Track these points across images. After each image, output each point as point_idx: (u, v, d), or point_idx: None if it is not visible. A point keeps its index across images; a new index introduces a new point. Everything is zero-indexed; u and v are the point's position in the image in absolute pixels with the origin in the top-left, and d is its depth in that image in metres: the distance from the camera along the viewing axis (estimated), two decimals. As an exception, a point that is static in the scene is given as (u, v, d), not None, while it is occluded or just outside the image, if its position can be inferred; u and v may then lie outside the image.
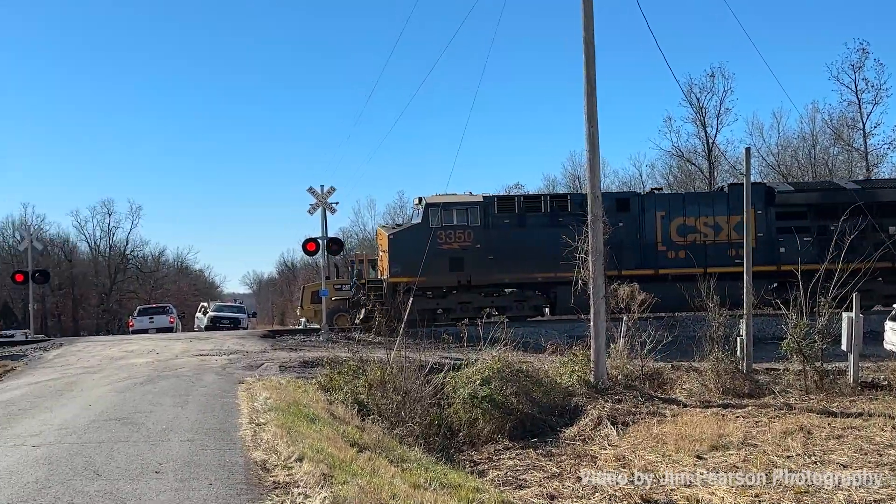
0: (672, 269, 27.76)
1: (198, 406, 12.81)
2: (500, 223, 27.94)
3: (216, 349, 22.24)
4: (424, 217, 27.79)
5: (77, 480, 7.69)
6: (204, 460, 8.61)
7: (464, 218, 27.60)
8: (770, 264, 27.64)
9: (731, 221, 28.05)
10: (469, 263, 27.42)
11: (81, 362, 20.68)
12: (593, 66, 16.58)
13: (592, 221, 16.96)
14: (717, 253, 27.89)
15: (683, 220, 28.13)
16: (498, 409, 14.72)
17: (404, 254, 27.23)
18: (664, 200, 28.78)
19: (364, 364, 16.07)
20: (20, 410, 12.79)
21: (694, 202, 28.70)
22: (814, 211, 28.29)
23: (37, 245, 34.91)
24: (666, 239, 28.17)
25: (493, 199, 28.41)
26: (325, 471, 8.01)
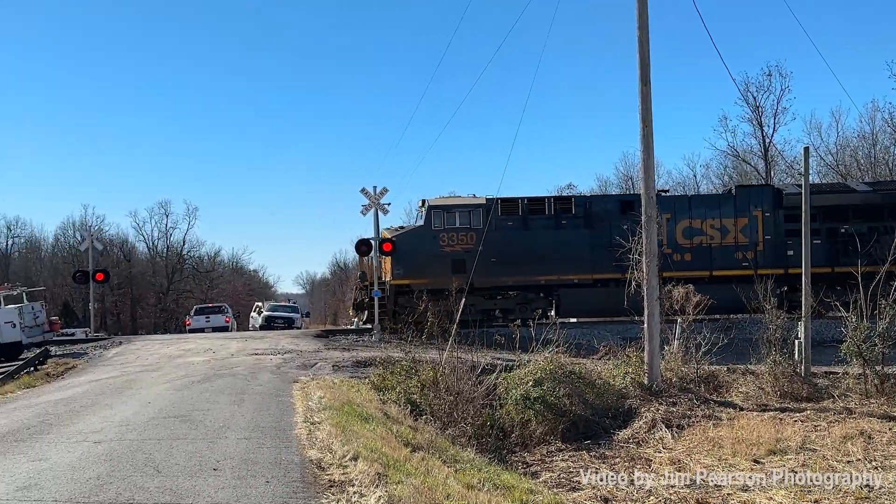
0: (676, 273, 26.45)
1: (253, 404, 12.99)
2: (503, 225, 27.80)
3: (271, 348, 22.51)
4: (427, 219, 27.82)
5: (137, 477, 7.85)
6: (260, 458, 8.73)
7: (466, 220, 27.54)
8: (778, 267, 26.91)
9: (738, 224, 27.72)
10: (471, 265, 26.67)
11: (140, 360, 21.11)
12: (648, 66, 16.43)
13: (647, 222, 16.79)
14: (723, 256, 27.54)
15: (689, 222, 27.73)
16: (550, 411, 14.66)
17: (406, 256, 27.38)
18: (670, 202, 28.34)
19: (417, 364, 16.13)
20: (82, 407, 13.10)
21: (700, 204, 28.32)
22: (823, 213, 27.37)
23: (97, 245, 35.70)
24: (671, 241, 27.70)
25: (497, 201, 28.08)
26: (380, 470, 8.06)
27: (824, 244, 27.01)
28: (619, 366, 17.19)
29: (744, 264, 27.02)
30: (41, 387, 17.95)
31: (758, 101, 48.77)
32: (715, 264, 27.49)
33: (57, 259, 73.42)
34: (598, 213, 27.86)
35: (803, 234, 19.14)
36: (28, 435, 10.55)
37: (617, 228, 26.65)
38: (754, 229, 27.60)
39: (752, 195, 28.08)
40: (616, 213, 27.64)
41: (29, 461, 8.73)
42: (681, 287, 17.87)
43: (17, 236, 76.47)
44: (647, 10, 16.43)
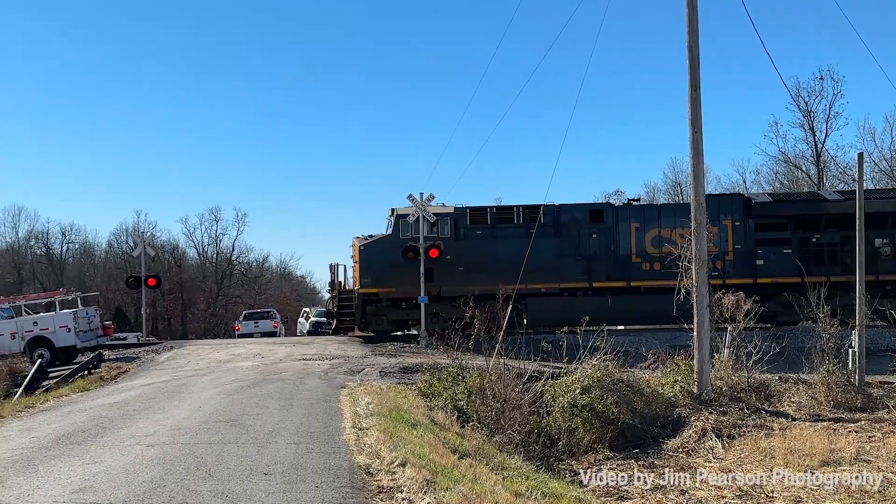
0: (644, 282, 27.26)
1: (302, 409, 13.11)
2: (472, 234, 27.78)
3: (318, 354, 22.70)
4: (395, 228, 27.80)
5: (190, 480, 7.97)
6: (310, 463, 8.81)
7: (434, 229, 27.50)
8: (747, 277, 26.80)
9: (709, 234, 27.22)
10: (439, 274, 27.21)
11: (191, 365, 21.43)
12: (697, 70, 16.28)
13: (696, 229, 16.63)
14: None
15: (658, 231, 27.44)
16: (598, 419, 14.56)
17: (374, 265, 27.42)
18: (639, 212, 28.19)
19: (463, 371, 16.14)
20: (135, 411, 13.34)
21: (670, 213, 27.91)
22: (794, 222, 27.32)
23: (149, 251, 36.37)
24: (640, 251, 27.57)
25: (466, 210, 28.14)
26: (428, 476, 8.08)
27: (796, 253, 26.79)
28: (667, 374, 17.00)
29: (713, 274, 26.79)
30: (95, 390, 18.30)
31: (809, 106, 47.94)
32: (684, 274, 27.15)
33: (110, 264, 74.81)
34: (568, 222, 27.79)
35: (857, 240, 18.81)
36: (83, 438, 10.77)
37: (586, 238, 27.56)
38: (724, 238, 27.41)
39: (722, 204, 27.80)
40: (585, 222, 27.69)
41: (84, 464, 8.91)
42: (731, 295, 17.64)
43: (72, 242, 78.21)
44: (697, 15, 16.30)
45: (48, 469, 8.70)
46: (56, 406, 15.46)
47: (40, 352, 23.99)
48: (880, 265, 26.10)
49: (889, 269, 25.65)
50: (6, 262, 73.57)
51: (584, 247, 27.50)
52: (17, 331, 24.37)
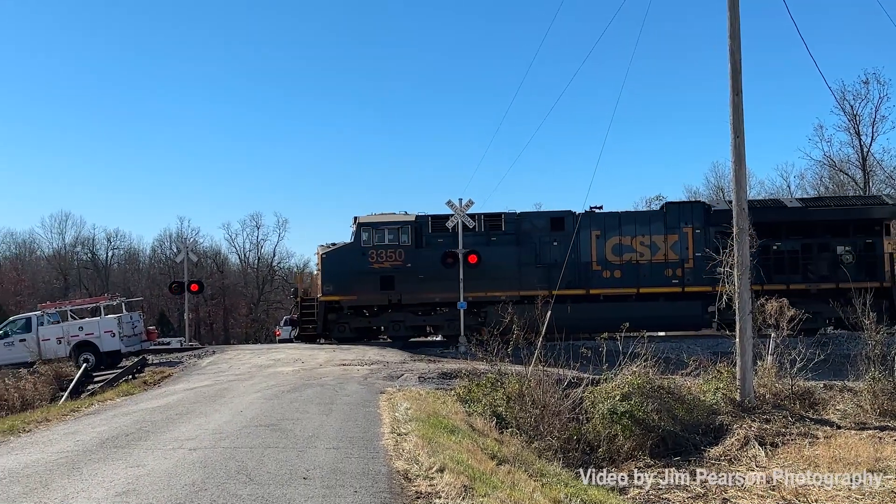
0: (603, 289, 27.44)
1: (341, 415, 13.17)
2: (434, 242, 27.93)
3: (357, 359, 22.80)
4: (356, 236, 28.19)
5: (231, 484, 8.04)
6: (349, 468, 8.84)
7: (395, 237, 27.80)
8: (706, 285, 26.06)
9: (668, 240, 27.47)
10: (400, 282, 27.48)
11: (232, 370, 21.64)
12: (739, 75, 16.08)
13: (738, 234, 16.40)
14: (653, 273, 27.39)
15: (619, 239, 27.66)
16: (638, 426, 14.43)
17: (336, 273, 27.77)
18: (599, 219, 28.17)
19: (502, 377, 16.10)
20: (177, 415, 13.50)
21: (630, 221, 28.12)
22: (755, 230, 26.75)
23: (192, 257, 36.76)
24: (601, 258, 27.73)
25: (427, 218, 28.35)
26: (466, 482, 8.08)
27: (756, 261, 26.40)
28: (709, 381, 16.79)
29: (673, 281, 26.88)
30: (139, 394, 18.55)
31: (855, 110, 47.19)
32: (643, 281, 27.44)
33: (154, 270, 75.95)
34: (528, 230, 27.96)
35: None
36: (126, 442, 10.92)
37: (546, 246, 27.78)
38: (684, 246, 27.56)
39: (683, 212, 27.90)
40: (546, 230, 27.88)
41: (127, 467, 9.04)
42: (774, 301, 17.38)
43: (117, 248, 79.63)
44: (739, 19, 16.10)
45: (92, 472, 8.82)
46: (101, 410, 15.69)
47: (86, 356, 24.40)
48: (842, 273, 26.08)
49: (850, 278, 25.37)
50: (53, 268, 75.07)
51: (544, 254, 27.77)
52: (64, 335, 24.79)
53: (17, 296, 63.59)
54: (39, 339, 24.71)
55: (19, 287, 65.98)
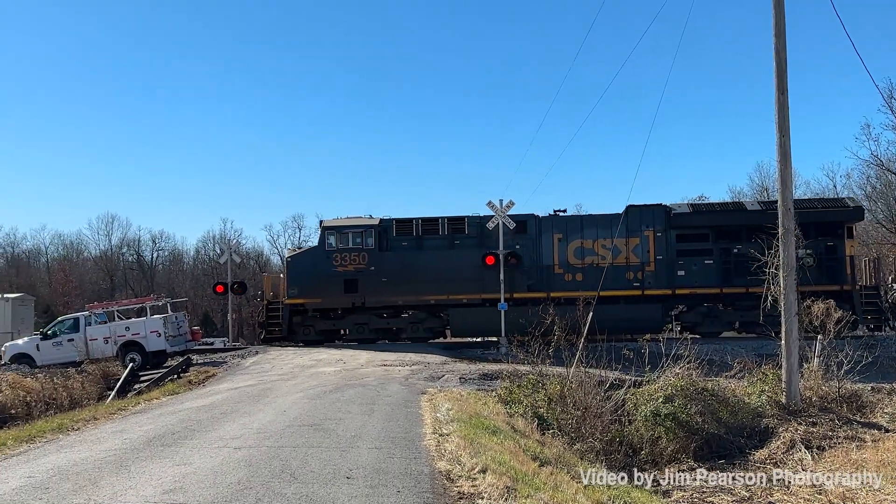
0: (564, 293, 27.20)
1: (383, 415, 13.23)
2: (398, 245, 28.23)
3: (399, 360, 22.88)
4: (321, 240, 28.66)
5: (275, 483, 8.13)
6: (391, 468, 8.88)
7: (359, 241, 28.09)
8: (666, 288, 27.01)
9: (629, 243, 27.52)
10: (363, 285, 27.74)
11: (275, 370, 21.85)
12: (785, 74, 15.86)
13: (784, 235, 16.16)
14: (614, 276, 27.08)
15: (581, 242, 27.86)
16: (682, 428, 14.29)
17: (301, 276, 28.24)
18: (562, 223, 28.35)
19: (543, 378, 16.05)
20: (222, 414, 13.67)
21: (592, 225, 28.16)
22: (716, 233, 27.24)
23: (235, 258, 37.15)
24: (563, 261, 27.86)
25: (392, 221, 28.64)
26: (509, 483, 8.07)
27: (717, 264, 27.01)
28: (754, 383, 16.60)
29: (635, 284, 26.94)
30: (184, 393, 18.82)
31: (903, 108, 46.16)
32: (604, 285, 26.88)
33: (198, 271, 76.92)
34: (489, 233, 27.84)
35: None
36: (173, 440, 11.08)
37: (508, 249, 27.68)
38: (645, 249, 27.69)
39: (644, 215, 27.90)
40: (509, 233, 27.75)
41: (174, 465, 9.17)
42: (821, 302, 17.11)
43: (162, 249, 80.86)
44: (785, 17, 15.88)
45: (140, 470, 8.97)
46: (147, 409, 15.94)
47: (132, 356, 24.81)
48: (803, 276, 25.74)
49: (811, 281, 25.14)
50: (100, 269, 76.39)
51: (507, 258, 27.84)
52: (111, 335, 25.24)
53: (65, 296, 64.90)
54: (87, 339, 25.17)
55: (67, 288, 67.33)
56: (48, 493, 7.97)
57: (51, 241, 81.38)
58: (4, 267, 72.78)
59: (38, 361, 25.08)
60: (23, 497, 7.85)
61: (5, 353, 26.02)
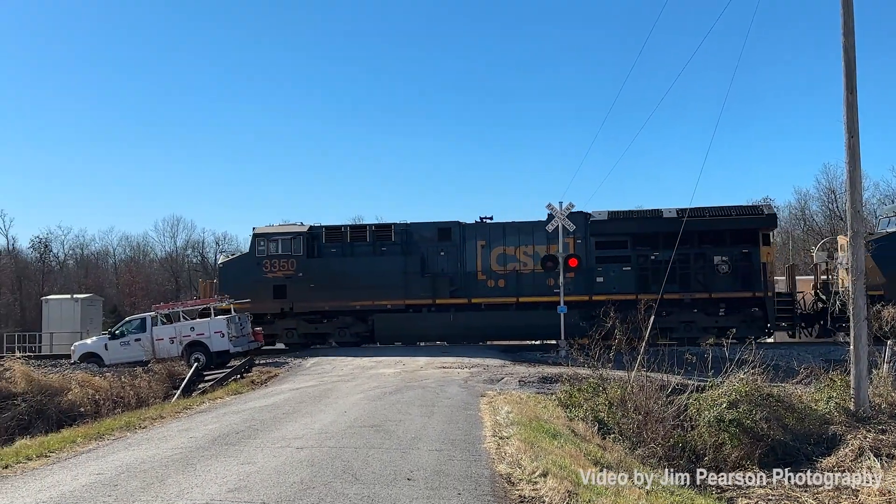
0: (485, 298, 27.96)
1: (443, 417, 13.26)
2: (327, 252, 28.86)
3: (458, 362, 22.90)
4: (252, 247, 29.40)
5: (337, 483, 8.20)
6: (451, 470, 8.90)
7: (288, 248, 28.72)
8: (584, 294, 27.22)
9: (550, 251, 27.46)
10: (292, 291, 28.23)
11: (336, 371, 22.05)
12: (854, 73, 15.44)
13: (853, 238, 15.75)
14: (534, 282, 27.86)
15: (503, 249, 28.36)
16: (746, 435, 14.04)
17: (232, 282, 28.91)
18: (485, 230, 28.86)
19: (604, 382, 15.92)
20: (284, 414, 13.84)
21: (514, 231, 28.66)
22: (634, 240, 27.43)
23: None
24: (486, 268, 28.39)
25: (322, 229, 29.28)
26: (570, 488, 8.02)
27: (635, 270, 27.23)
28: (821, 389, 16.21)
29: (555, 290, 26.91)
30: (247, 393, 19.09)
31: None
32: (525, 291, 27.85)
33: (259, 272, 77.82)
34: (416, 240, 28.66)
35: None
36: (237, 439, 11.26)
37: (434, 255, 28.58)
38: None
39: None
40: (434, 240, 28.64)
41: (238, 464, 9.32)
42: (892, 307, 16.65)
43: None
44: (853, 16, 15.49)
45: (205, 468, 9.14)
46: (211, 408, 16.21)
47: (196, 356, 25.23)
48: (718, 283, 26.29)
49: (726, 287, 25.65)
50: (165, 270, 78.00)
51: (431, 264, 28.53)
52: (176, 335, 25.70)
53: (132, 297, 66.41)
54: (153, 339, 25.69)
55: (134, 288, 68.90)
56: (117, 489, 8.17)
57: (118, 243, 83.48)
58: (74, 268, 74.75)
59: (106, 361, 25.67)
60: (92, 493, 8.05)
61: (75, 353, 26.69)
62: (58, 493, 8.19)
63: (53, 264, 70.31)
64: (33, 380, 22.43)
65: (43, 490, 8.38)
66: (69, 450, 11.34)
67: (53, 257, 71.33)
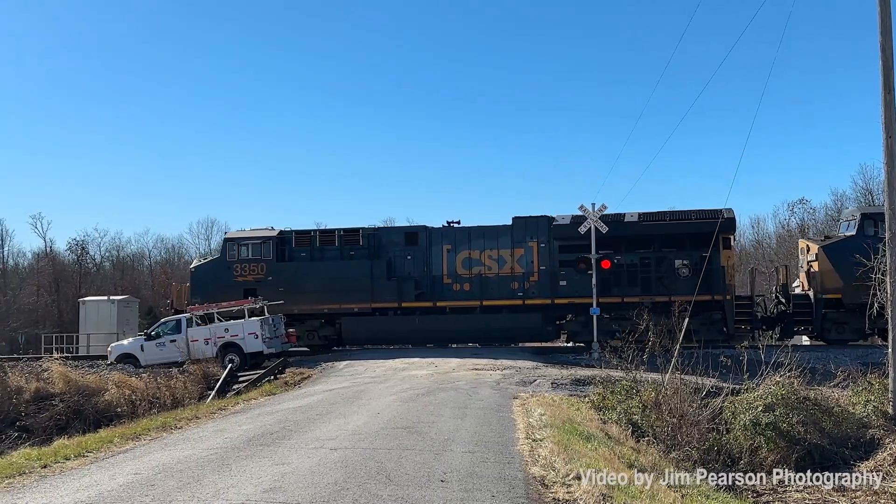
0: (450, 302, 28.25)
1: (475, 419, 13.26)
2: (296, 256, 29.28)
3: (490, 364, 22.88)
4: (223, 251, 30.05)
5: (371, 484, 8.23)
6: (485, 472, 8.90)
7: (258, 252, 29.17)
8: (547, 298, 27.47)
9: (514, 254, 28.10)
10: (262, 295, 28.09)
11: (368, 372, 22.14)
12: (892, 72, 15.22)
13: (891, 239, 15.52)
14: (499, 286, 28.24)
15: (469, 253, 28.63)
16: (782, 438, 13.91)
17: (203, 285, 29.41)
18: (451, 234, 29.20)
19: (637, 384, 15.84)
20: (318, 415, 13.93)
21: (479, 236, 28.92)
22: (597, 244, 27.00)
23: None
24: (452, 272, 28.65)
25: (292, 233, 30.08)
26: (604, 491, 7.98)
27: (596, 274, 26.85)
28: (859, 393, 16.01)
29: (518, 294, 27.36)
30: (280, 394, 19.23)
31: None
32: (490, 294, 28.08)
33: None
34: (384, 244, 29.14)
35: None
36: (271, 440, 11.35)
37: (401, 259, 28.94)
38: (530, 260, 28.35)
39: (529, 226, 28.61)
40: (401, 244, 29.08)
41: (273, 465, 9.39)
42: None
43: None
44: (891, 14, 15.27)
45: (241, 468, 9.22)
46: (246, 409, 16.35)
47: (231, 357, 25.43)
48: (678, 286, 26.34)
49: (686, 290, 25.39)
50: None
51: (398, 268, 28.90)
52: (211, 337, 25.93)
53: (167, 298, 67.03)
54: (189, 340, 25.94)
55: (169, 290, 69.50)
56: (154, 489, 8.26)
57: (154, 245, 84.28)
58: (110, 270, 75.65)
59: (142, 361, 25.96)
60: (130, 493, 8.15)
61: (111, 354, 27.02)
62: (96, 492, 8.30)
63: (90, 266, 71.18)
64: (71, 380, 22.71)
65: (81, 490, 8.50)
66: (106, 450, 11.49)
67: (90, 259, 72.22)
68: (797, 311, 26.65)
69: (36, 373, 23.73)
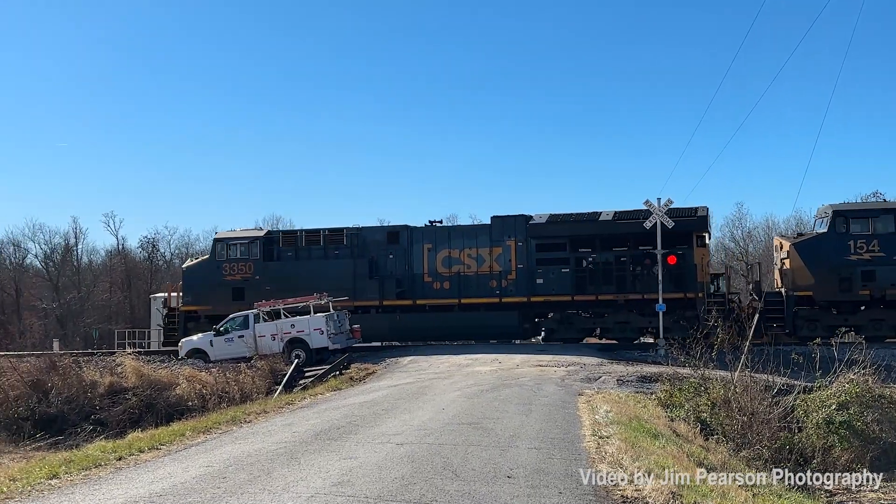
0: (430, 300, 28.99)
1: (540, 415, 13.21)
2: (284, 256, 29.96)
3: (554, 360, 22.76)
4: (213, 251, 30.79)
5: (438, 479, 8.26)
6: (551, 469, 8.86)
7: (246, 252, 29.95)
8: (524, 296, 28.00)
9: (493, 253, 28.31)
10: (249, 293, 29.01)
11: (432, 368, 22.22)
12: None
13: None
14: (478, 284, 28.66)
15: (448, 252, 29.08)
16: (857, 437, 13.59)
17: (195, 284, 30.33)
18: (431, 233, 29.82)
19: (706, 382, 15.59)
20: (383, 411, 14.03)
21: (459, 235, 29.63)
22: (571, 242, 27.52)
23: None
24: (432, 270, 29.17)
25: (278, 234, 31.65)
26: (674, 489, 7.87)
27: (572, 272, 27.42)
28: (937, 391, 15.51)
29: (496, 292, 27.48)
30: (346, 390, 19.43)
31: None
32: (469, 292, 28.29)
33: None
34: (367, 244, 29.62)
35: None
36: (338, 435, 11.47)
37: (383, 258, 29.35)
38: (508, 258, 28.65)
39: (507, 225, 28.95)
40: (383, 243, 29.50)
41: (340, 459, 9.49)
42: None
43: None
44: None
45: (309, 462, 9.33)
46: (312, 404, 16.56)
47: (297, 352, 25.76)
48: (652, 284, 25.83)
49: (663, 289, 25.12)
50: (266, 269, 79.79)
51: (380, 267, 29.36)
52: (277, 332, 26.31)
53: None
54: (256, 336, 26.34)
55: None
56: (225, 482, 8.42)
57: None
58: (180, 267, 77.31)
59: (211, 357, 26.46)
60: (203, 485, 8.31)
61: (182, 349, 27.59)
62: (170, 484, 8.49)
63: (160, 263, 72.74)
64: (143, 374, 23.31)
65: (156, 482, 8.70)
66: (179, 443, 11.76)
67: (161, 256, 73.83)
68: (769, 309, 26.17)
69: (110, 367, 24.42)
